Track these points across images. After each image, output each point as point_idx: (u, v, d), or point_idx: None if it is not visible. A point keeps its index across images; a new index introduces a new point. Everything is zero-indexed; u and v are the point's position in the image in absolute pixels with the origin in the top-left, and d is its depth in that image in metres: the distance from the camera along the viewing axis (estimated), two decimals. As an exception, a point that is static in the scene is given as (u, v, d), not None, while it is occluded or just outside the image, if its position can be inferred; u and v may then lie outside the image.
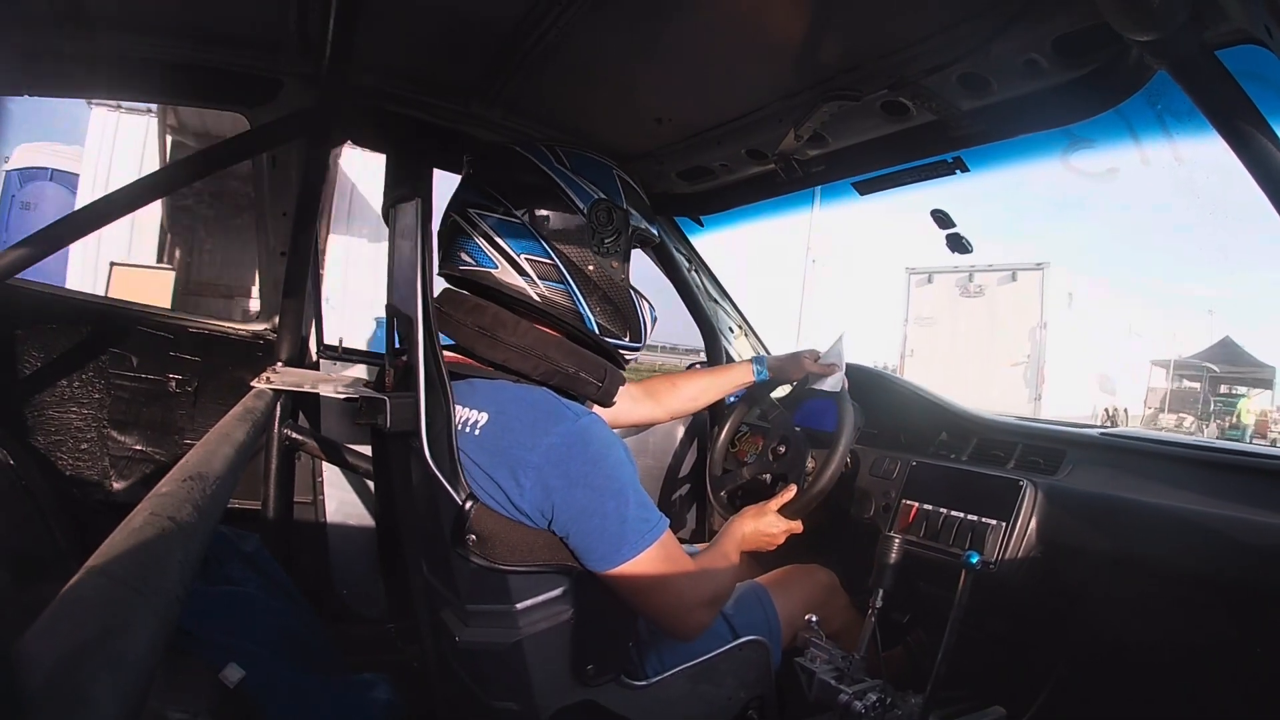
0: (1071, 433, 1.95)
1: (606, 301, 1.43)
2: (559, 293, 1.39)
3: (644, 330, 1.51)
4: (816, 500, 1.79)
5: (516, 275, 1.38)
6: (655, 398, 2.08)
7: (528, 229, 1.38)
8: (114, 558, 0.65)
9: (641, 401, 2.04)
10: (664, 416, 2.14)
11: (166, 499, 0.82)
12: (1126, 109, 1.41)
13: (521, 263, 1.38)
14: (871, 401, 2.26)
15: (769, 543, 1.73)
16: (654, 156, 2.31)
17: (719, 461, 2.27)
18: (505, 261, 1.38)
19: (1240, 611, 1.42)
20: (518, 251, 1.38)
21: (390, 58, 1.84)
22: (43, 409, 1.99)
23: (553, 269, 1.39)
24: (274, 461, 2.05)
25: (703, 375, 2.19)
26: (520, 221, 1.38)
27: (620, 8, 1.53)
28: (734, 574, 1.56)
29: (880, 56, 1.58)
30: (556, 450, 1.26)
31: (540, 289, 1.39)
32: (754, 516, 1.71)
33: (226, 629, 1.36)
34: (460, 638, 1.36)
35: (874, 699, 1.46)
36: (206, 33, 1.79)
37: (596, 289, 1.42)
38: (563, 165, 1.42)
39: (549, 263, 1.39)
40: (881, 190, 2.10)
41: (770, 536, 1.72)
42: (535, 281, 1.38)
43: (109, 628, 0.56)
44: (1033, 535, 1.70)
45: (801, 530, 1.77)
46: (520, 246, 1.38)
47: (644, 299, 1.51)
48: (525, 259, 1.38)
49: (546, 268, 1.38)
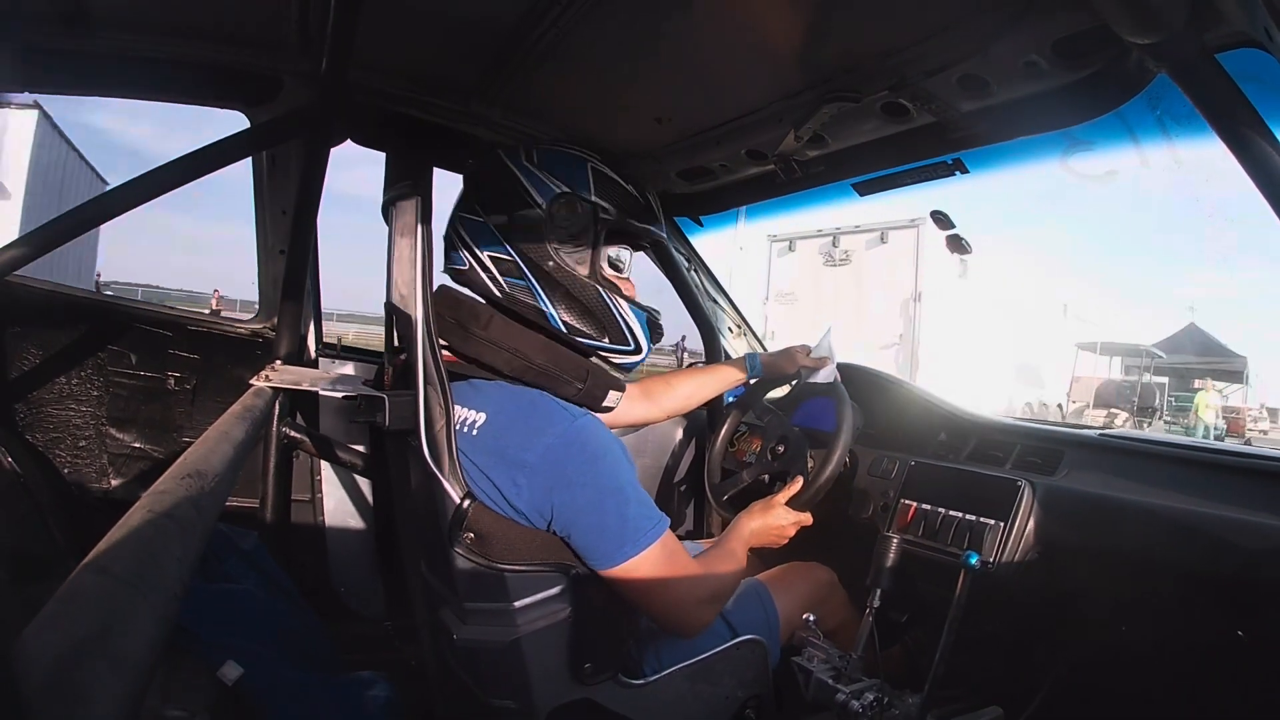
0: (1070, 433, 1.95)
1: (571, 299, 1.42)
2: (521, 289, 1.40)
3: (628, 333, 1.47)
4: (824, 490, 1.78)
5: (481, 273, 1.41)
6: (651, 397, 2.08)
7: (490, 228, 1.40)
8: (112, 555, 0.65)
9: (638, 401, 2.04)
10: (660, 416, 2.14)
11: (165, 496, 0.82)
12: (1126, 111, 1.41)
13: (485, 260, 1.40)
14: (870, 402, 2.26)
15: (779, 536, 1.73)
16: (653, 156, 2.31)
17: (717, 464, 2.27)
18: (472, 260, 1.41)
19: (1237, 611, 1.42)
20: (481, 249, 1.40)
21: (390, 56, 1.84)
22: (41, 406, 1.99)
23: (513, 266, 1.40)
24: (272, 459, 2.06)
25: (697, 374, 2.19)
26: (483, 220, 1.41)
27: (620, 7, 1.53)
28: (738, 571, 1.56)
29: (880, 57, 1.58)
30: (554, 451, 1.26)
31: (503, 286, 1.40)
32: (761, 512, 1.71)
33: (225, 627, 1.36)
34: (458, 636, 1.37)
35: (871, 698, 1.47)
36: (206, 31, 1.79)
37: (559, 285, 1.41)
38: (529, 162, 1.43)
39: (509, 260, 1.39)
40: (881, 191, 2.10)
41: (780, 529, 1.72)
42: (498, 278, 1.40)
43: (107, 625, 0.56)
44: (1030, 535, 1.70)
45: (811, 522, 1.77)
46: (485, 245, 1.40)
47: (621, 298, 1.47)
48: (488, 256, 1.40)
49: (508, 265, 1.40)
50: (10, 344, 1.95)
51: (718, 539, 1.65)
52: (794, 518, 1.73)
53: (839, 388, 1.97)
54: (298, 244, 2.01)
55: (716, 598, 1.47)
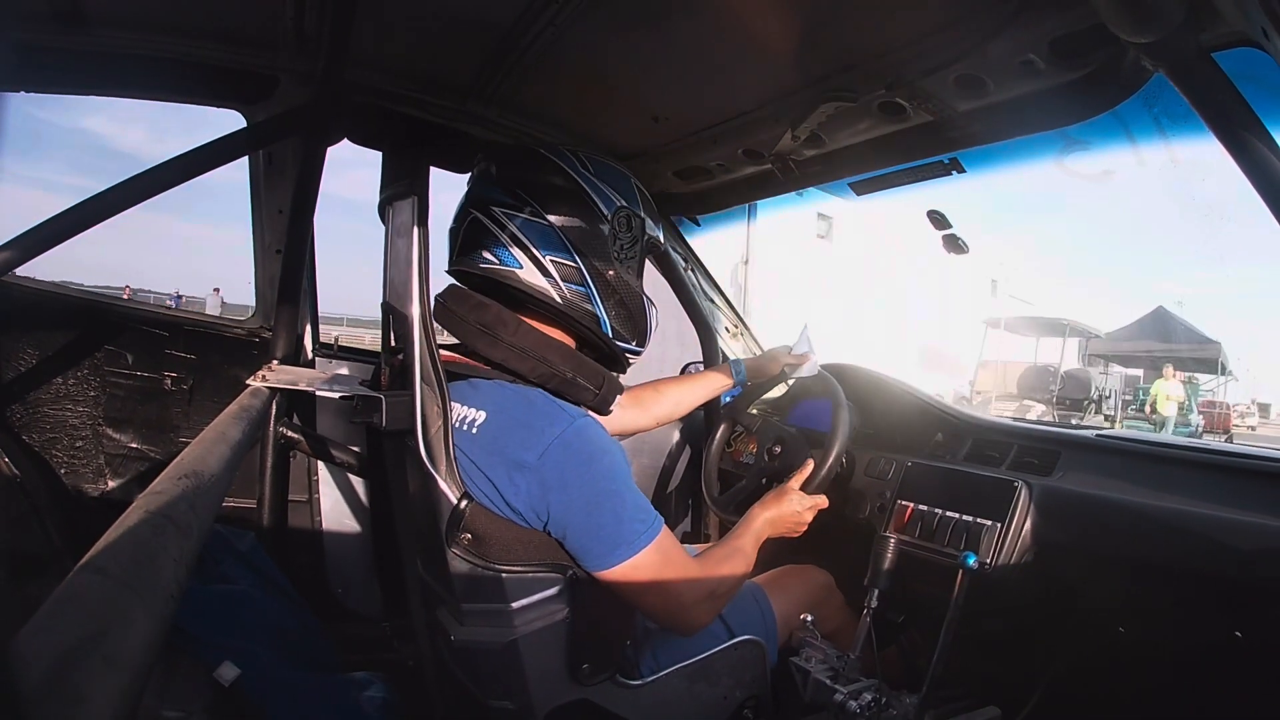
0: (1066, 434, 1.95)
1: (622, 306, 1.45)
2: (580, 295, 1.40)
3: (649, 333, 1.54)
4: (835, 470, 1.81)
5: (541, 277, 1.38)
6: (641, 404, 2.06)
7: (555, 232, 1.38)
8: (109, 556, 0.65)
9: (628, 409, 2.02)
10: (650, 424, 2.12)
11: (161, 497, 0.82)
12: (1123, 111, 1.42)
13: (547, 265, 1.38)
14: (867, 402, 2.27)
15: (796, 523, 1.73)
16: (651, 155, 2.31)
17: (713, 474, 2.28)
18: (530, 263, 1.38)
19: (1234, 611, 1.42)
20: (544, 254, 1.38)
21: (387, 55, 1.84)
22: (38, 406, 1.98)
23: (575, 272, 1.39)
24: (269, 460, 2.05)
25: (684, 381, 2.19)
26: (547, 224, 1.38)
27: (617, 5, 1.53)
28: (741, 568, 1.55)
29: (877, 57, 1.58)
30: (553, 451, 1.26)
31: (564, 291, 1.39)
32: (775, 501, 1.71)
33: (222, 627, 1.36)
34: (455, 637, 1.36)
35: (869, 699, 1.47)
36: (203, 30, 1.79)
37: (614, 294, 1.44)
38: (587, 170, 1.43)
39: (573, 266, 1.39)
40: (878, 190, 2.10)
41: (797, 515, 1.72)
42: (559, 284, 1.39)
43: (104, 626, 0.56)
44: (1027, 536, 1.70)
45: (827, 504, 1.78)
46: (547, 249, 1.38)
47: (653, 305, 1.54)
48: (551, 261, 1.38)
49: (570, 270, 1.39)
50: (6, 344, 1.94)
51: (725, 536, 1.64)
52: (810, 502, 1.74)
53: (828, 380, 2.00)
54: (294, 243, 2.00)
55: (715, 596, 1.46)
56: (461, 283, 1.48)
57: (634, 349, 1.52)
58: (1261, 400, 34.70)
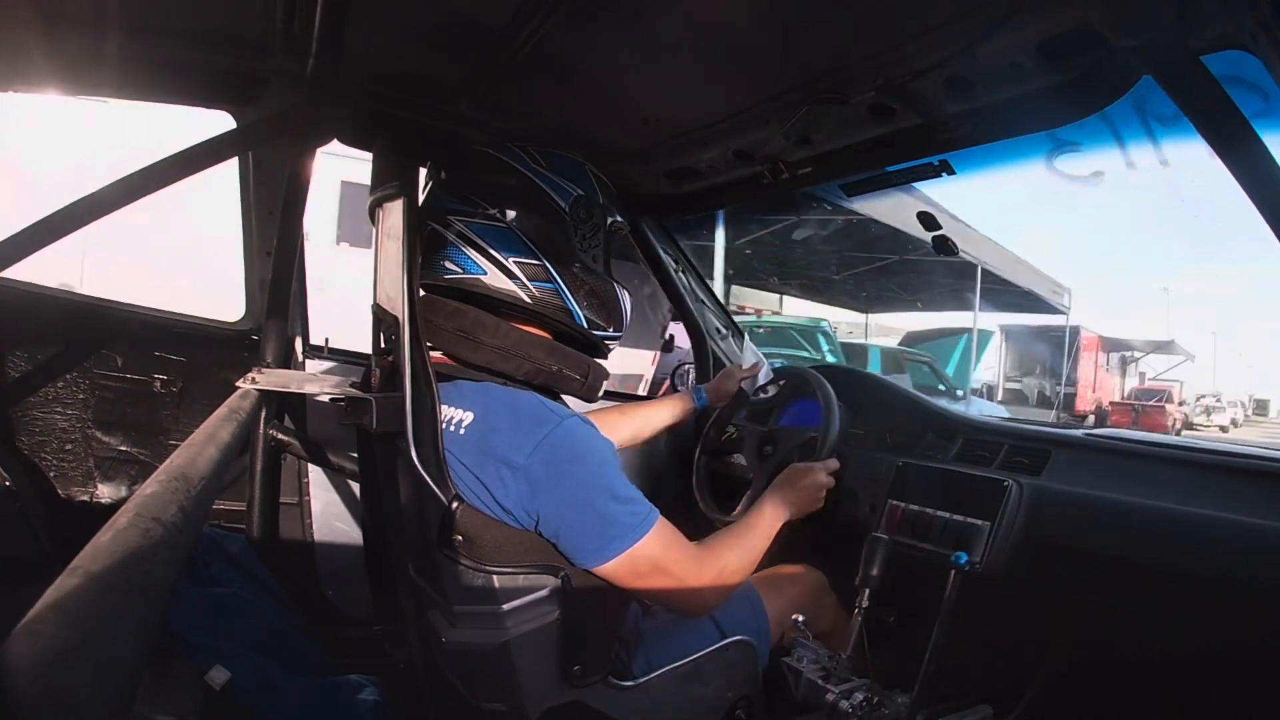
0: (1057, 433, 1.97)
1: (593, 296, 1.46)
2: (549, 292, 1.40)
3: (625, 318, 1.54)
4: (838, 439, 1.89)
5: (507, 280, 1.39)
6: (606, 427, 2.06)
7: (513, 232, 1.39)
8: (98, 559, 0.65)
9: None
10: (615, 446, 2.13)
11: (151, 500, 0.82)
12: (1112, 113, 1.42)
13: (511, 267, 1.38)
14: (858, 402, 2.27)
15: (816, 490, 1.76)
16: (641, 156, 2.31)
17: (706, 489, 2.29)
18: (494, 266, 1.38)
19: (1223, 610, 1.43)
20: (506, 256, 1.38)
21: (377, 57, 1.83)
22: (26, 409, 1.97)
23: (541, 270, 1.39)
24: (259, 462, 2.05)
25: (648, 406, 2.23)
26: (505, 226, 1.39)
27: (607, 8, 1.52)
28: (750, 545, 1.56)
29: (867, 59, 1.58)
30: (541, 451, 1.26)
31: (532, 291, 1.39)
32: (785, 479, 1.74)
33: (212, 631, 1.36)
34: (447, 639, 1.36)
35: (861, 698, 1.47)
36: (192, 31, 1.78)
37: (583, 285, 1.44)
38: (539, 165, 1.44)
39: (537, 264, 1.39)
40: (869, 192, 2.11)
41: (815, 480, 1.76)
42: (526, 284, 1.39)
43: (94, 630, 0.55)
44: (1019, 535, 1.71)
45: (839, 466, 1.83)
46: (508, 251, 1.39)
47: (624, 288, 1.53)
48: (514, 263, 1.38)
49: (535, 269, 1.39)
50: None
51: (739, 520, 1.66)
52: (823, 466, 1.78)
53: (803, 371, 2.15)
54: (284, 245, 2.00)
55: (723, 576, 1.46)
56: (431, 293, 1.46)
57: (612, 335, 1.52)
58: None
